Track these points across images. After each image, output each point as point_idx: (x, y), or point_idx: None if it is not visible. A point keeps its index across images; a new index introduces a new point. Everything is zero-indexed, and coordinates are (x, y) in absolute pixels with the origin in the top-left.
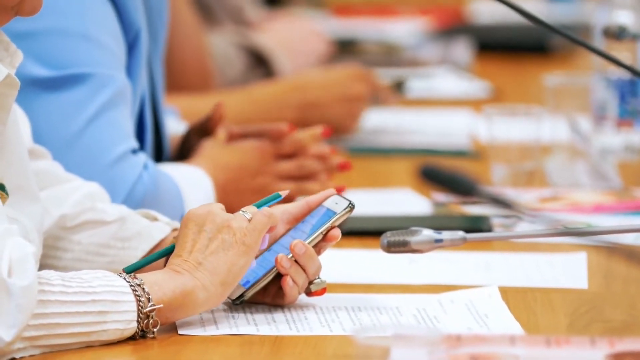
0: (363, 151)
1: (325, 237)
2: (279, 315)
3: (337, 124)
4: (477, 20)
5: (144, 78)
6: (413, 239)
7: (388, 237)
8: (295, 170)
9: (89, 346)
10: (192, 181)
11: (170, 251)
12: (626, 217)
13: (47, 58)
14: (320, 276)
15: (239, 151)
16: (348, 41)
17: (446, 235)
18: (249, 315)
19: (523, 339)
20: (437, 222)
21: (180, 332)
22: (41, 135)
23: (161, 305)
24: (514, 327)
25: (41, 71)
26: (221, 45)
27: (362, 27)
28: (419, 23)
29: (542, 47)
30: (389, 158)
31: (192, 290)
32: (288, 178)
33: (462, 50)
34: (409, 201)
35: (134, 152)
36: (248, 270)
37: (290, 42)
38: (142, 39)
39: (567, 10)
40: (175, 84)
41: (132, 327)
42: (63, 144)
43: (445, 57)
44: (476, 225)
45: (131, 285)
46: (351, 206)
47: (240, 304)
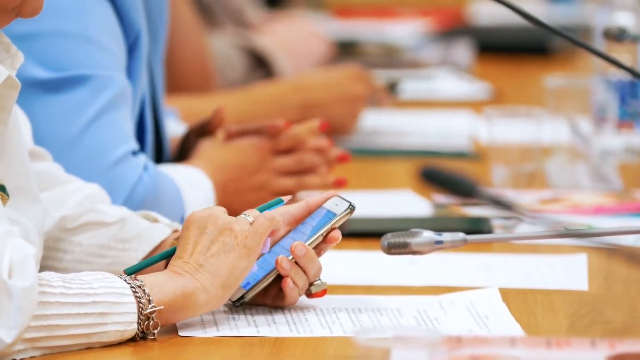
0: (363, 152)
1: (325, 238)
2: (279, 317)
3: (337, 124)
4: (477, 21)
5: (144, 79)
6: (413, 241)
7: (388, 238)
8: (294, 165)
9: (90, 347)
10: (192, 182)
11: (172, 253)
12: (626, 219)
13: (48, 60)
14: (321, 278)
15: (237, 150)
16: (348, 43)
17: (446, 236)
18: (249, 317)
19: (523, 340)
20: (438, 224)
21: (181, 333)
22: (42, 137)
23: (162, 306)
24: (515, 328)
25: (42, 73)
26: (222, 47)
27: (363, 28)
28: (420, 24)
29: (543, 49)
30: (390, 159)
31: (193, 291)
32: (287, 173)
33: (463, 51)
34: (409, 203)
35: (135, 153)
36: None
37: (291, 44)
38: (143, 40)
39: (568, 12)
40: (175, 85)
41: (132, 328)
42: (63, 145)
43: (446, 58)
44: (477, 226)
45: (132, 287)
46: (351, 208)
47: (240, 306)
